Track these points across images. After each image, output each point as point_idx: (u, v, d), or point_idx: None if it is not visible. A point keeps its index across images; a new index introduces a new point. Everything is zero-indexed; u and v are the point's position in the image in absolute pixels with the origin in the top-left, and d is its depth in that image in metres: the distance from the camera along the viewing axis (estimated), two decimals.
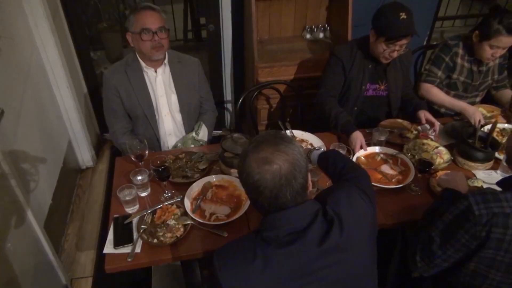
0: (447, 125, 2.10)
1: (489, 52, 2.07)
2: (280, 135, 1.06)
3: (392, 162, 1.88)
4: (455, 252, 1.21)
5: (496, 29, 1.99)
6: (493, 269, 1.16)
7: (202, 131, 2.15)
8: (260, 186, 0.99)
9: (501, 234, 1.11)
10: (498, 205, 1.11)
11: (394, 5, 1.92)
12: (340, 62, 2.12)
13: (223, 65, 3.12)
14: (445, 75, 2.30)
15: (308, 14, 2.91)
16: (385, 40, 1.93)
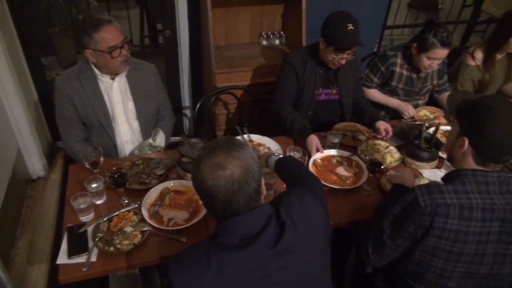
0: (396, 127, 2.21)
1: (427, 63, 2.22)
2: (233, 141, 1.07)
3: (347, 164, 1.96)
4: (403, 242, 1.28)
5: (431, 42, 2.13)
6: (435, 256, 1.24)
7: (159, 137, 2.13)
8: (213, 192, 1.00)
9: (442, 223, 1.19)
10: (441, 196, 1.20)
11: (341, 15, 2.00)
12: (293, 68, 2.19)
13: (180, 71, 3.11)
14: (381, 81, 2.46)
15: (264, 21, 2.98)
16: (334, 50, 2.01)
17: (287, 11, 2.94)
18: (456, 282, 1.27)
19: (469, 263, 1.22)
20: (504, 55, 2.48)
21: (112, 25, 1.83)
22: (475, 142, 1.21)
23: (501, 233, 1.20)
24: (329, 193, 1.79)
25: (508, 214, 1.19)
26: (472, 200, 1.19)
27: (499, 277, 1.26)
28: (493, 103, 1.18)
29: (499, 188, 1.21)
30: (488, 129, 1.17)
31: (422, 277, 1.31)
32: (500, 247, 1.21)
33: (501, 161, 1.21)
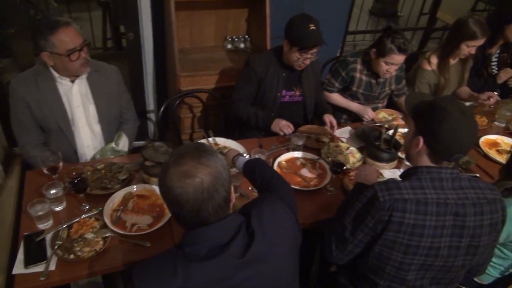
0: (358, 130, 2.28)
1: (385, 67, 2.30)
2: (203, 148, 1.04)
3: (311, 166, 2.00)
4: (364, 237, 1.33)
5: (389, 48, 2.21)
6: (394, 250, 1.28)
7: (122, 142, 2.09)
8: (181, 200, 0.97)
9: (400, 218, 1.23)
10: (398, 192, 1.25)
11: (303, 17, 2.07)
12: (253, 72, 2.23)
13: (144, 74, 3.06)
14: (342, 86, 2.54)
15: (229, 25, 2.99)
16: (298, 50, 2.07)
17: (251, 16, 2.96)
18: (414, 275, 1.32)
19: (425, 255, 1.27)
20: (457, 60, 2.61)
21: (70, 27, 1.78)
22: (429, 141, 1.27)
23: (454, 226, 1.25)
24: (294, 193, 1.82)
25: (460, 208, 1.24)
26: (427, 195, 1.24)
27: (453, 269, 1.32)
28: (445, 105, 1.25)
29: (452, 184, 1.27)
30: (440, 129, 1.23)
31: (382, 271, 1.35)
32: (453, 240, 1.27)
33: (453, 159, 1.27)
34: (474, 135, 1.27)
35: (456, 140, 1.23)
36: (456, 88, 2.73)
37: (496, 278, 1.75)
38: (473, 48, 2.44)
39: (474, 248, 1.29)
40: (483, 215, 1.26)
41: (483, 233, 1.28)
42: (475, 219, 1.26)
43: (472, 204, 1.26)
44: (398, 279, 1.34)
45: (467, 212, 1.25)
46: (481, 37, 2.36)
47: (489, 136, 2.36)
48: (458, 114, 1.22)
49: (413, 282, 1.34)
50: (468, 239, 1.27)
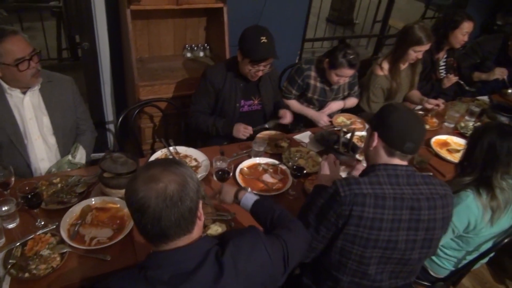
0: (317, 134, 2.34)
1: (335, 78, 2.42)
2: (174, 160, 1.04)
3: (273, 171, 2.03)
4: (327, 232, 1.37)
5: (340, 62, 2.32)
6: (355, 244, 1.34)
7: (79, 153, 2.03)
8: (143, 204, 0.94)
9: (360, 212, 1.29)
10: (358, 187, 1.31)
11: (256, 29, 2.10)
12: (210, 84, 2.24)
13: (102, 84, 3.00)
14: (299, 93, 2.62)
15: (188, 34, 2.99)
16: (250, 61, 2.09)
17: (210, 24, 2.98)
18: (374, 269, 1.38)
19: (384, 248, 1.33)
20: (407, 65, 2.74)
21: (18, 36, 1.72)
22: (382, 133, 1.38)
23: (411, 220, 1.32)
24: None
25: (415, 202, 1.32)
26: (384, 190, 1.31)
27: (410, 262, 1.39)
28: (393, 103, 1.43)
29: (407, 180, 1.35)
30: (389, 119, 1.36)
31: (345, 266, 1.40)
32: (410, 234, 1.33)
33: (405, 148, 1.34)
34: (421, 128, 1.38)
35: (405, 127, 1.34)
36: (408, 91, 2.87)
37: (451, 271, 1.84)
38: (420, 53, 2.57)
39: (429, 241, 1.37)
40: (436, 209, 1.34)
41: (437, 227, 1.36)
42: (429, 213, 1.33)
43: (426, 199, 1.33)
44: (359, 273, 1.39)
45: (422, 206, 1.32)
46: (426, 43, 2.50)
47: (439, 137, 2.48)
48: (404, 109, 1.39)
49: (373, 276, 1.39)
50: (423, 232, 1.34)
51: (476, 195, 1.63)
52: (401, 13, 7.35)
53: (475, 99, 2.98)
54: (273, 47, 2.09)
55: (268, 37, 2.05)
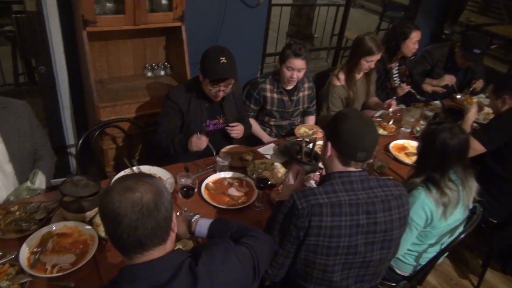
0: (280, 146, 2.39)
1: (288, 73, 2.47)
2: (145, 174, 1.05)
3: (238, 184, 2.05)
4: (291, 246, 1.39)
5: (287, 53, 2.42)
6: (317, 254, 1.36)
7: (38, 179, 1.97)
8: (119, 215, 0.95)
9: (318, 221, 1.32)
10: (314, 198, 1.34)
11: (216, 50, 2.12)
12: (176, 106, 2.22)
13: (61, 107, 2.93)
14: (257, 107, 2.66)
15: (147, 53, 2.99)
16: (209, 82, 2.11)
17: (169, 43, 3.00)
18: (339, 275, 1.41)
19: (346, 254, 1.37)
20: (362, 75, 2.86)
21: None
22: (335, 144, 1.41)
23: (368, 224, 1.36)
24: (223, 214, 1.85)
25: (371, 206, 1.36)
26: (340, 198, 1.35)
27: (372, 264, 1.43)
28: (345, 111, 1.45)
29: (362, 185, 1.39)
30: (341, 130, 1.38)
31: (310, 275, 1.42)
32: (369, 237, 1.37)
33: (358, 157, 1.38)
34: (373, 135, 1.41)
35: (356, 137, 1.37)
36: (365, 100, 2.98)
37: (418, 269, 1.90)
38: (372, 63, 2.69)
39: (388, 241, 1.41)
40: (392, 210, 1.39)
41: (394, 227, 1.40)
42: (385, 215, 1.38)
43: (381, 202, 1.38)
44: (325, 281, 1.42)
45: (377, 209, 1.37)
46: (377, 52, 2.62)
47: (397, 141, 2.59)
48: (355, 117, 1.40)
49: (339, 283, 1.42)
50: (381, 234, 1.38)
51: (427, 191, 1.71)
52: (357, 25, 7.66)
53: (428, 104, 3.14)
54: (233, 68, 2.10)
55: (227, 58, 2.07)
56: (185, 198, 1.81)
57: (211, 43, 3.13)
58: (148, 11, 2.57)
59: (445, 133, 1.68)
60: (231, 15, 3.21)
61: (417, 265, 1.91)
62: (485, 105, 3.20)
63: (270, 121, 2.72)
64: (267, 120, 2.73)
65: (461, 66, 3.32)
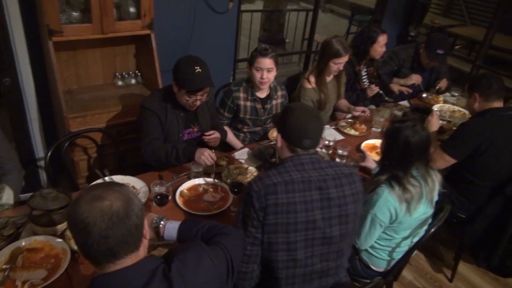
0: (254, 150, 2.40)
1: (258, 74, 2.48)
2: (115, 182, 1.04)
3: (213, 190, 2.04)
4: (255, 231, 1.44)
5: (254, 54, 2.46)
6: (278, 232, 1.43)
7: (5, 194, 1.92)
8: (88, 225, 0.93)
9: (274, 199, 1.40)
10: (268, 179, 1.44)
11: (189, 59, 2.11)
12: (155, 115, 2.17)
13: (28, 120, 2.85)
14: (231, 115, 2.67)
15: (117, 62, 2.96)
16: (186, 92, 2.10)
17: (139, 51, 2.97)
18: (303, 253, 1.47)
19: (305, 230, 1.44)
20: (332, 77, 2.91)
21: None
22: (283, 134, 1.54)
23: (322, 200, 1.45)
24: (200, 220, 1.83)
25: (322, 183, 1.46)
26: (292, 176, 1.45)
27: (334, 240, 1.49)
28: (291, 105, 1.65)
29: (313, 166, 1.49)
30: (286, 121, 1.52)
31: (276, 261, 1.47)
32: (325, 212, 1.46)
33: (304, 144, 1.49)
34: (316, 123, 1.53)
35: (300, 127, 1.49)
36: (336, 101, 3.04)
37: (392, 264, 1.95)
38: (340, 65, 2.74)
39: (344, 216, 1.49)
40: (343, 187, 1.49)
41: (348, 202, 1.49)
42: (337, 191, 1.48)
43: (332, 179, 1.48)
44: (291, 261, 1.47)
45: (329, 185, 1.47)
46: (344, 54, 2.68)
47: (368, 141, 2.65)
48: (300, 109, 1.55)
49: (304, 261, 1.48)
50: (336, 209, 1.48)
51: (390, 188, 1.76)
52: (328, 29, 7.82)
53: (397, 104, 3.23)
54: (208, 76, 2.10)
55: (202, 66, 2.07)
56: (159, 206, 1.79)
57: (182, 50, 3.14)
58: (116, 19, 2.54)
59: (407, 131, 1.73)
60: (201, 22, 3.22)
61: (391, 259, 1.95)
62: (451, 103, 3.32)
63: (244, 128, 2.73)
64: (240, 127, 2.74)
65: (427, 66, 3.43)
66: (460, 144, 2.29)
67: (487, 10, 6.43)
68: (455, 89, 3.60)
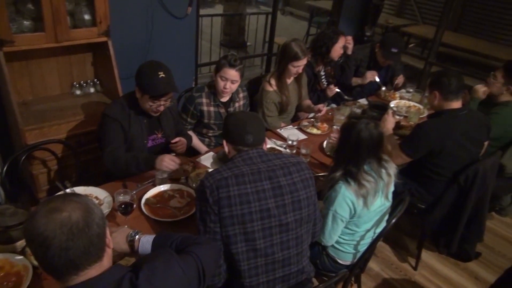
0: (219, 153, 2.41)
1: (222, 83, 2.49)
2: (73, 193, 1.02)
3: (179, 196, 2.03)
4: (214, 226, 1.48)
5: (222, 63, 2.46)
6: (235, 225, 1.47)
7: None
8: (47, 238, 0.91)
9: (226, 193, 1.46)
10: (218, 174, 1.50)
11: (152, 65, 2.09)
12: (117, 123, 2.13)
13: None
14: (194, 121, 2.67)
15: (74, 71, 2.88)
16: (150, 97, 2.08)
17: (96, 58, 2.92)
18: (262, 242, 1.51)
19: (261, 219, 1.49)
20: (292, 79, 2.97)
21: None
22: (227, 139, 1.64)
23: (273, 188, 1.52)
24: (167, 227, 1.83)
25: (271, 173, 1.54)
26: (242, 169, 1.52)
27: (290, 226, 1.55)
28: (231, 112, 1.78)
29: (260, 159, 1.57)
30: (228, 126, 1.63)
31: (237, 254, 1.50)
32: (278, 200, 1.52)
33: (246, 140, 1.57)
34: (254, 121, 1.63)
35: (239, 125, 1.59)
36: (298, 103, 3.10)
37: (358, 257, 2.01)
38: (300, 67, 2.80)
39: (297, 202, 1.56)
40: (292, 174, 1.57)
41: (299, 188, 1.56)
42: (286, 179, 1.55)
43: (281, 168, 1.56)
44: (251, 252, 1.50)
45: (278, 174, 1.54)
46: (303, 57, 2.74)
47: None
48: (238, 112, 1.83)
49: (264, 250, 1.51)
50: (289, 196, 1.54)
51: (346, 184, 1.82)
52: (288, 32, 7.94)
53: (356, 102, 3.33)
54: (172, 81, 2.09)
55: (165, 72, 2.06)
56: (124, 215, 1.77)
57: (141, 57, 3.11)
58: (70, 27, 2.48)
59: (360, 127, 1.79)
60: (160, 27, 3.20)
61: (357, 252, 2.02)
62: (406, 99, 3.47)
63: (209, 133, 2.73)
64: (205, 132, 2.73)
65: (382, 64, 3.57)
66: (415, 144, 2.40)
67: (436, 9, 6.75)
68: (410, 86, 3.77)
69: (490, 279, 2.75)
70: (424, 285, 2.69)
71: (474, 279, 2.78)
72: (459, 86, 2.35)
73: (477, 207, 2.44)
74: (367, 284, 2.63)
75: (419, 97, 3.42)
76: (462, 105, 2.41)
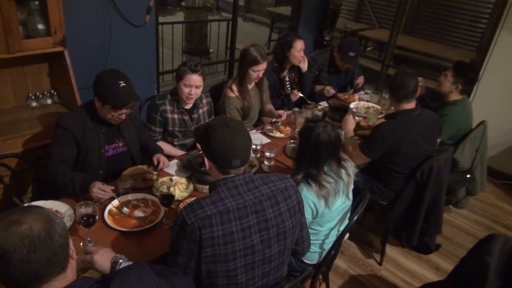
0: (183, 160, 2.40)
1: (186, 90, 2.48)
2: (32, 205, 0.99)
3: (144, 205, 2.01)
4: (188, 261, 1.40)
5: (183, 70, 2.44)
6: (217, 263, 1.39)
7: None
8: (7, 251, 0.88)
9: (210, 233, 1.34)
10: (202, 211, 1.36)
11: (111, 74, 2.05)
12: (70, 133, 2.08)
13: None
14: (162, 129, 2.63)
15: (29, 82, 2.79)
16: (111, 107, 2.03)
17: (53, 69, 2.83)
18: (244, 277, 1.45)
19: (244, 256, 1.42)
20: (253, 85, 3.00)
21: None
22: (210, 158, 1.46)
23: (259, 222, 1.42)
24: (132, 236, 1.81)
25: (259, 206, 1.42)
26: (227, 205, 1.38)
27: (273, 257, 1.50)
28: (212, 123, 1.47)
29: (247, 187, 1.44)
30: (211, 143, 1.41)
31: (216, 285, 1.45)
32: (263, 234, 1.44)
33: (234, 164, 1.41)
34: (243, 140, 1.43)
35: (226, 148, 1.39)
36: (260, 108, 3.14)
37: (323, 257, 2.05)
38: (260, 72, 2.84)
39: (282, 233, 1.49)
40: (279, 204, 1.47)
41: (285, 219, 1.48)
42: (273, 210, 1.45)
43: (268, 198, 1.45)
44: (232, 285, 1.46)
45: (265, 206, 1.44)
46: (262, 62, 2.77)
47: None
48: (222, 127, 1.41)
49: (245, 284, 1.47)
50: (274, 229, 1.46)
51: (307, 186, 1.86)
52: (250, 37, 8.03)
53: (317, 105, 3.42)
54: (133, 90, 2.06)
55: (125, 81, 2.02)
56: (86, 227, 1.73)
57: (100, 66, 3.05)
58: (23, 37, 2.40)
59: (319, 130, 1.84)
60: (118, 36, 3.15)
61: (323, 251, 2.07)
62: (365, 100, 3.60)
63: (174, 141, 2.71)
64: (170, 140, 2.71)
65: (342, 68, 3.68)
66: (374, 146, 2.51)
67: (390, 14, 7.03)
68: (368, 87, 3.90)
69: (450, 268, 2.86)
70: (389, 279, 2.79)
71: (436, 270, 2.91)
72: (412, 89, 2.46)
73: (434, 200, 2.56)
74: (336, 282, 2.70)
75: (377, 98, 3.55)
76: (415, 105, 2.53)
